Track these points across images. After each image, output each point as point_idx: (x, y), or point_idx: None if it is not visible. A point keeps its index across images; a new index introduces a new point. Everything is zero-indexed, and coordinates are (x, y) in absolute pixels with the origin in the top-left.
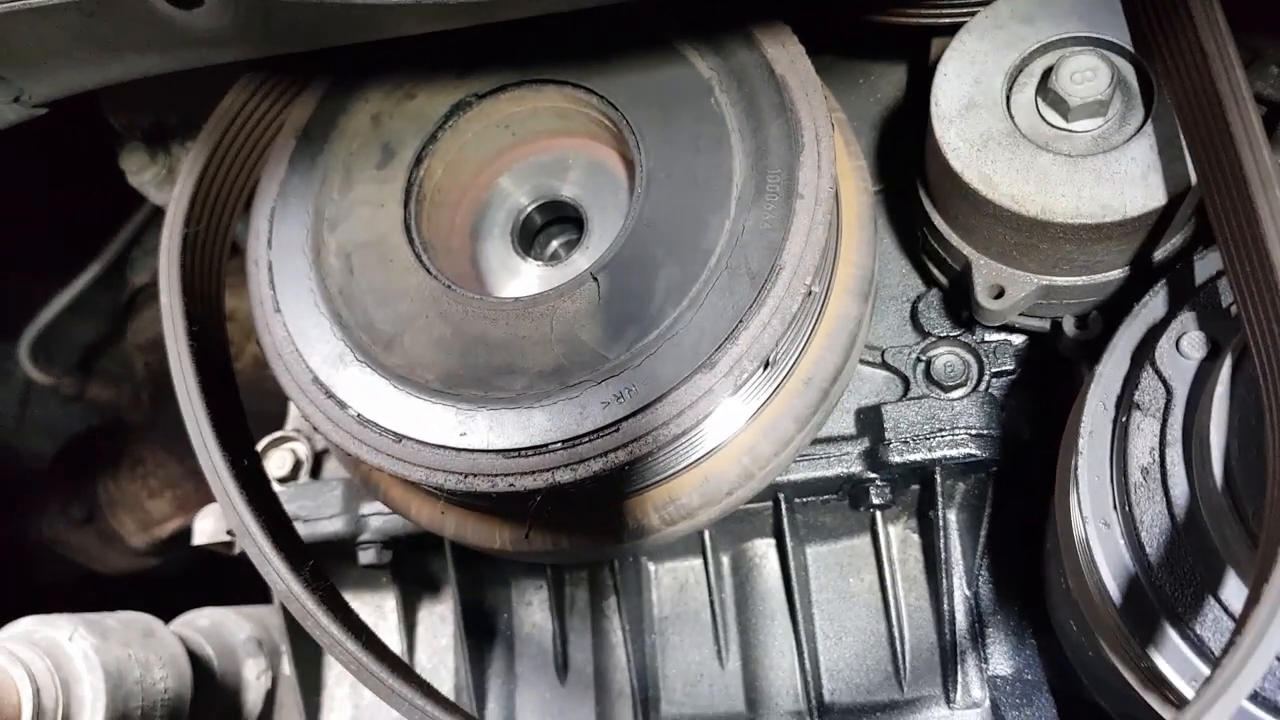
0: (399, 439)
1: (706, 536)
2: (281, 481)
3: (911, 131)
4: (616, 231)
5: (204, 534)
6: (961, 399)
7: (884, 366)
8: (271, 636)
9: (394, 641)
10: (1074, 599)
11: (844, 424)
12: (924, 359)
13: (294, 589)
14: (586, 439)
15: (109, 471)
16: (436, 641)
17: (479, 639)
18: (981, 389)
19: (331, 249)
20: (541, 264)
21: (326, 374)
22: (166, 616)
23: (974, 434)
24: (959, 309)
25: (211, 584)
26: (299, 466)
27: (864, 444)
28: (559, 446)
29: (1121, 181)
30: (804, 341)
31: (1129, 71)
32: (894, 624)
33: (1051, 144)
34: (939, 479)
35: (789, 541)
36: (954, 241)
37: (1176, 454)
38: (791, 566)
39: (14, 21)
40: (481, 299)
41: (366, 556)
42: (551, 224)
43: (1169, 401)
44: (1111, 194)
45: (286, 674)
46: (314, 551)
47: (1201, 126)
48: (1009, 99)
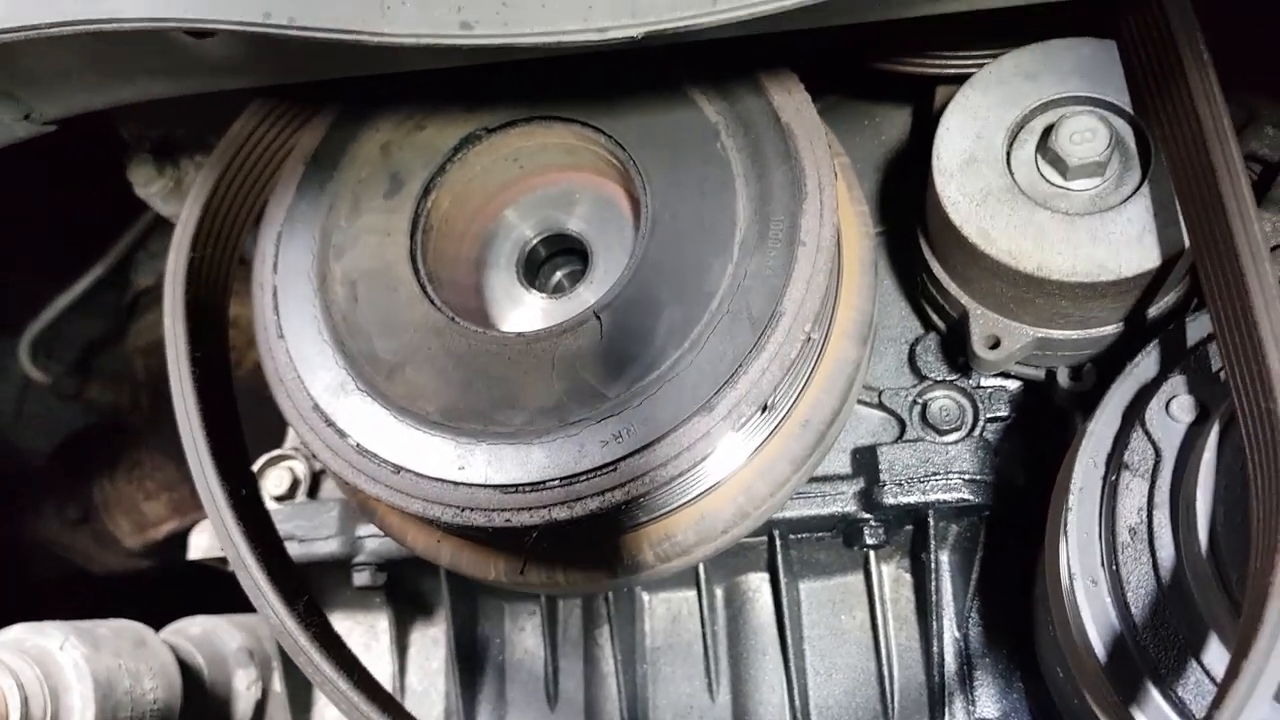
0: (397, 470)
1: (701, 569)
2: (278, 500)
3: (914, 177)
4: (620, 265)
5: (199, 549)
6: (956, 443)
7: (881, 407)
8: (263, 646)
9: (386, 663)
10: (1061, 647)
11: (840, 463)
12: (920, 402)
13: (288, 625)
14: (584, 477)
15: (105, 472)
16: (428, 664)
17: (471, 664)
18: (976, 434)
19: (337, 276)
20: (545, 295)
21: (327, 402)
22: (159, 618)
23: (967, 479)
24: (956, 354)
25: (205, 585)
26: (296, 485)
27: (859, 484)
28: (556, 484)
29: (1117, 242)
30: (802, 385)
31: (1127, 133)
32: (884, 663)
33: (1050, 201)
34: (932, 521)
35: (782, 577)
36: (952, 291)
37: (1164, 516)
38: (784, 602)
39: (28, 45)
40: (484, 333)
41: (361, 578)
42: (556, 255)
43: (1158, 463)
44: (1107, 254)
45: (277, 691)
46: (309, 571)
47: (1195, 195)
48: (1009, 155)
